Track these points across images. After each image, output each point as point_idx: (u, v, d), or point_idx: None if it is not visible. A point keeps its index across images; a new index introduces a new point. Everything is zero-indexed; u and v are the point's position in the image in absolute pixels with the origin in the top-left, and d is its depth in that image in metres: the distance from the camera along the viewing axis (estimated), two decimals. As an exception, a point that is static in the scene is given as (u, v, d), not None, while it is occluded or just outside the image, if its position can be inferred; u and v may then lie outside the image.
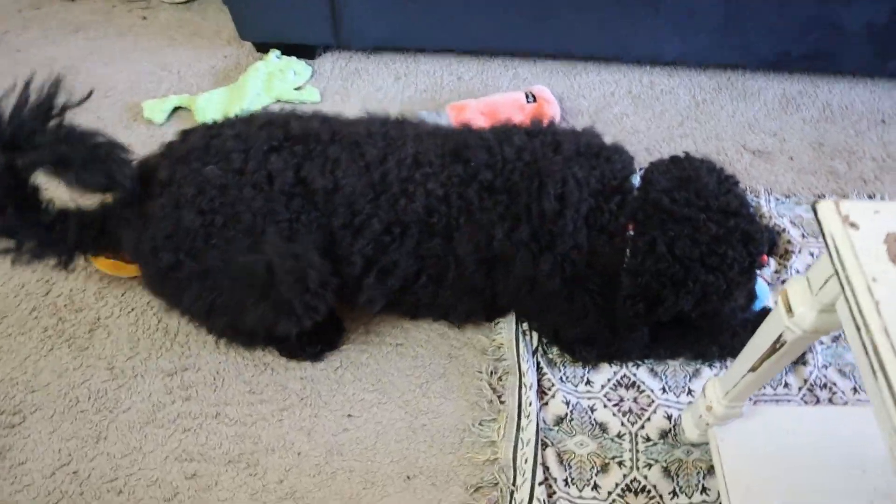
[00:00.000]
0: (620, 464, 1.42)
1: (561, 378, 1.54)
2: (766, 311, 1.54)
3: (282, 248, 1.25)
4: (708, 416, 1.33)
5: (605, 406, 1.50)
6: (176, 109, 2.16)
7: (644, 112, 2.13)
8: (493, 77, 2.26)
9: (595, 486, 1.38)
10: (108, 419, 1.47)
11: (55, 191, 1.26)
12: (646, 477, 1.40)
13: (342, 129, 1.37)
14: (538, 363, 1.55)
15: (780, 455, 1.33)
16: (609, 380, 1.54)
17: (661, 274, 1.26)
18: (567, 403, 1.49)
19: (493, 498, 1.35)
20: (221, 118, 1.42)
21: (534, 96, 2.00)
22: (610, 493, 1.38)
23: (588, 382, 1.53)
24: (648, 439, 1.45)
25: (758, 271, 1.51)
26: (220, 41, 2.46)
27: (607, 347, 1.52)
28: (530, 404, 1.45)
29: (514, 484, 1.37)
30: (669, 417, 1.49)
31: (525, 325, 1.59)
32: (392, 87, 2.21)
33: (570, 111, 2.14)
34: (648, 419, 1.48)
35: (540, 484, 1.35)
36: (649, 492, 1.38)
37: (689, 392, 1.52)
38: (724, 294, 1.28)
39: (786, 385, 1.53)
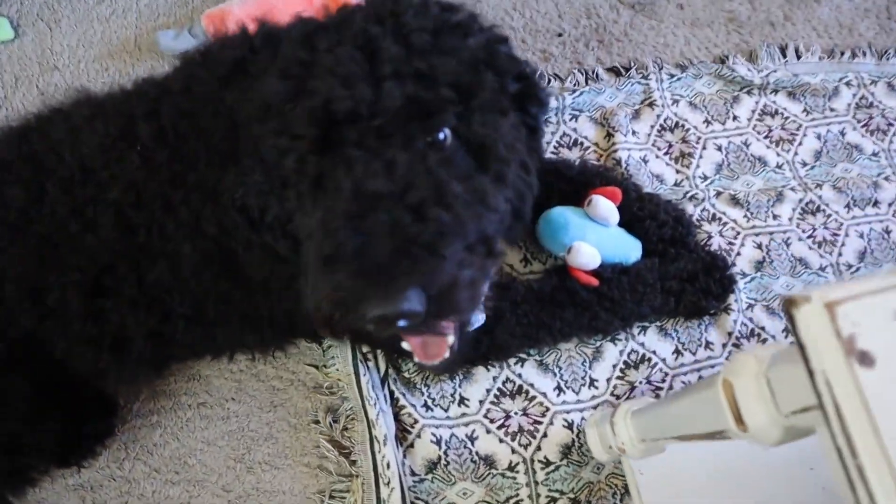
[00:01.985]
0: (517, 507, 1.09)
1: (426, 404, 1.16)
2: (673, 268, 1.18)
3: None
4: (621, 451, 0.99)
5: (487, 431, 1.14)
6: None
7: (484, -28, 1.58)
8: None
9: (490, 551, 1.06)
10: None
11: None
12: (550, 519, 1.08)
13: None
14: (391, 393, 1.15)
15: (715, 471, 1.03)
16: (488, 390, 1.17)
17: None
18: (438, 442, 1.13)
19: None
20: None
21: (320, -19, 1.42)
22: (510, 555, 1.06)
23: (462, 401, 1.16)
24: (548, 463, 1.12)
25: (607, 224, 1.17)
26: None
27: (476, 344, 1.13)
28: (388, 466, 1.08)
29: (385, 580, 1.03)
30: (570, 425, 1.15)
31: (365, 347, 1.17)
32: (118, -3, 1.55)
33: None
34: (545, 435, 1.14)
35: (418, 577, 1.02)
36: (557, 539, 1.07)
37: (592, 383, 1.18)
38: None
39: (707, 345, 1.20)
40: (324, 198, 0.75)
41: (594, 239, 1.16)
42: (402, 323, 0.66)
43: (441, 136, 0.77)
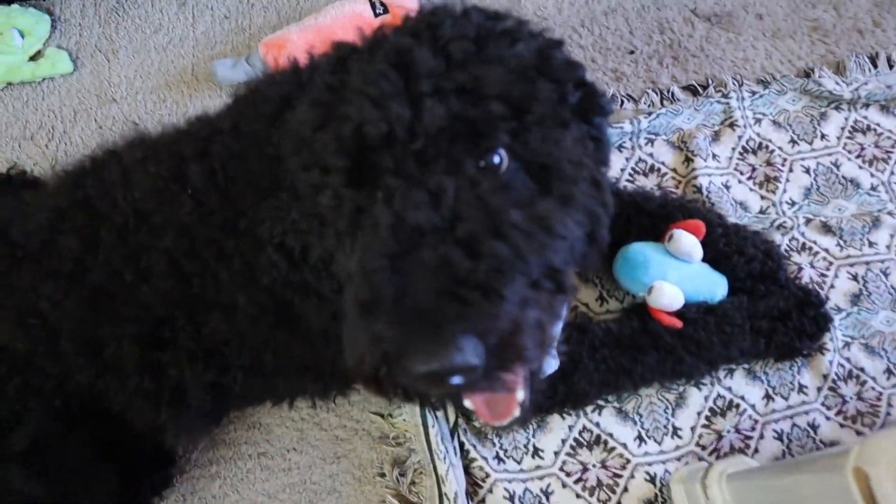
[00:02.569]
0: (597, 572, 1.01)
1: (498, 456, 1.09)
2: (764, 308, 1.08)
3: None
4: (713, 517, 0.91)
5: (563, 485, 1.07)
6: None
7: (550, -14, 1.50)
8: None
9: None
10: None
11: None
12: (634, 585, 1.01)
13: (20, 236, 0.91)
14: (462, 445, 1.09)
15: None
16: (564, 441, 1.10)
17: None
18: (511, 497, 1.06)
19: None
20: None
21: (383, 4, 1.35)
22: None
23: (536, 453, 1.09)
24: (629, 521, 1.04)
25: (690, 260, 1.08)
26: None
27: (552, 391, 1.05)
28: (459, 526, 1.02)
29: None
30: (653, 479, 1.07)
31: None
32: (177, 20, 1.52)
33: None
34: (625, 489, 1.07)
35: None
36: None
37: (675, 432, 1.09)
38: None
39: (801, 389, 1.10)
40: (363, 235, 0.67)
41: (676, 277, 1.07)
42: (456, 380, 0.56)
43: (496, 158, 0.67)
